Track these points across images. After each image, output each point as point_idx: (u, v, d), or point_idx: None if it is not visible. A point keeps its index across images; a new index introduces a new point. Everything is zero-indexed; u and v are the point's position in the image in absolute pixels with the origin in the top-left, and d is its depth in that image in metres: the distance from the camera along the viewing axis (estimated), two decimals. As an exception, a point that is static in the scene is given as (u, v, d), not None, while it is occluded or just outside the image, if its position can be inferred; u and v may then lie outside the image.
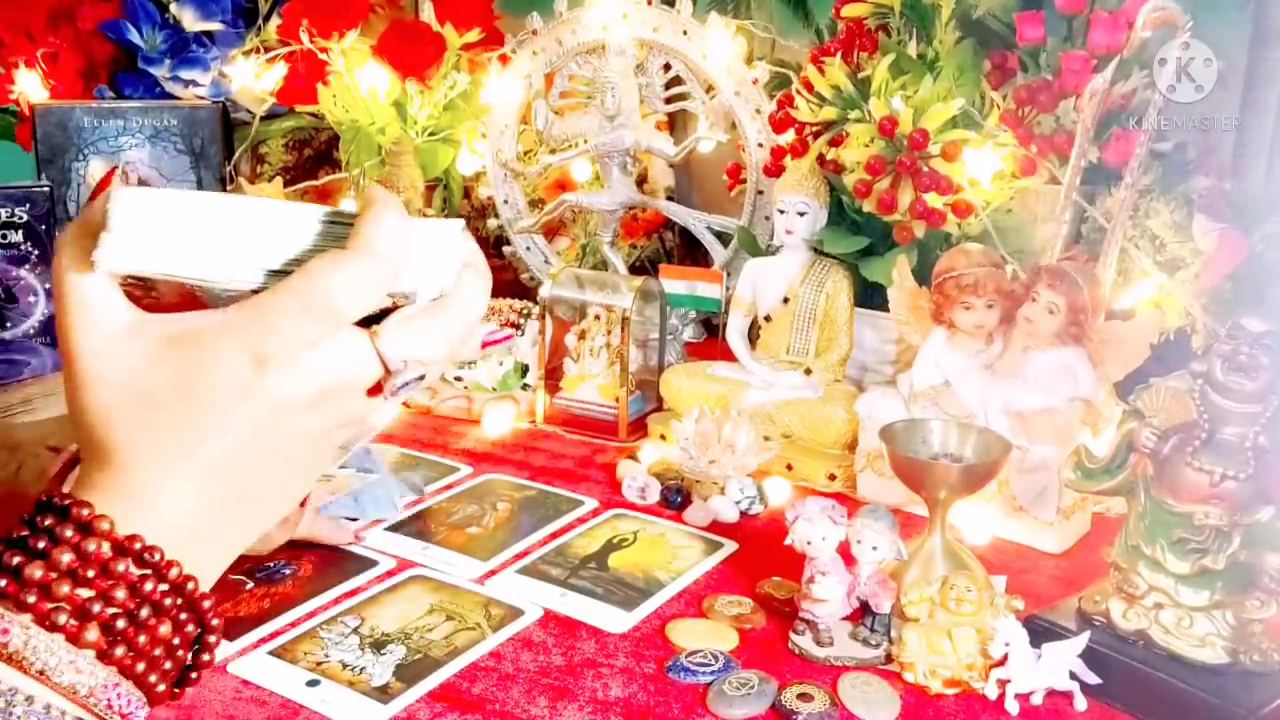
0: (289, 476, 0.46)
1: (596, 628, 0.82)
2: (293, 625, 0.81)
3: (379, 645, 0.79)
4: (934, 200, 1.10)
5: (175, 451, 0.43)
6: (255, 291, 0.44)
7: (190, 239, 0.43)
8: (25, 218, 1.43)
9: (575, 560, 0.93)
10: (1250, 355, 0.69)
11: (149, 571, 0.42)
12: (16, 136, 1.69)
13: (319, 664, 0.76)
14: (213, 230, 0.44)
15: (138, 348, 0.44)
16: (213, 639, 0.44)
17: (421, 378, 0.45)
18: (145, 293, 0.46)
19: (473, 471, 1.13)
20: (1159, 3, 1.01)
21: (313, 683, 0.74)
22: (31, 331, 1.44)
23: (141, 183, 1.54)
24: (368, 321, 0.44)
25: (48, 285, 1.45)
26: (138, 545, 0.41)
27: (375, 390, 0.45)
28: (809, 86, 1.21)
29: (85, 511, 0.41)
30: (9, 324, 1.43)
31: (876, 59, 1.16)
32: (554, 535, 0.98)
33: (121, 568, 0.41)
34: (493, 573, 0.91)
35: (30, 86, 1.61)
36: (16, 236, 1.43)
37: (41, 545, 0.40)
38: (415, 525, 0.99)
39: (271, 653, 0.78)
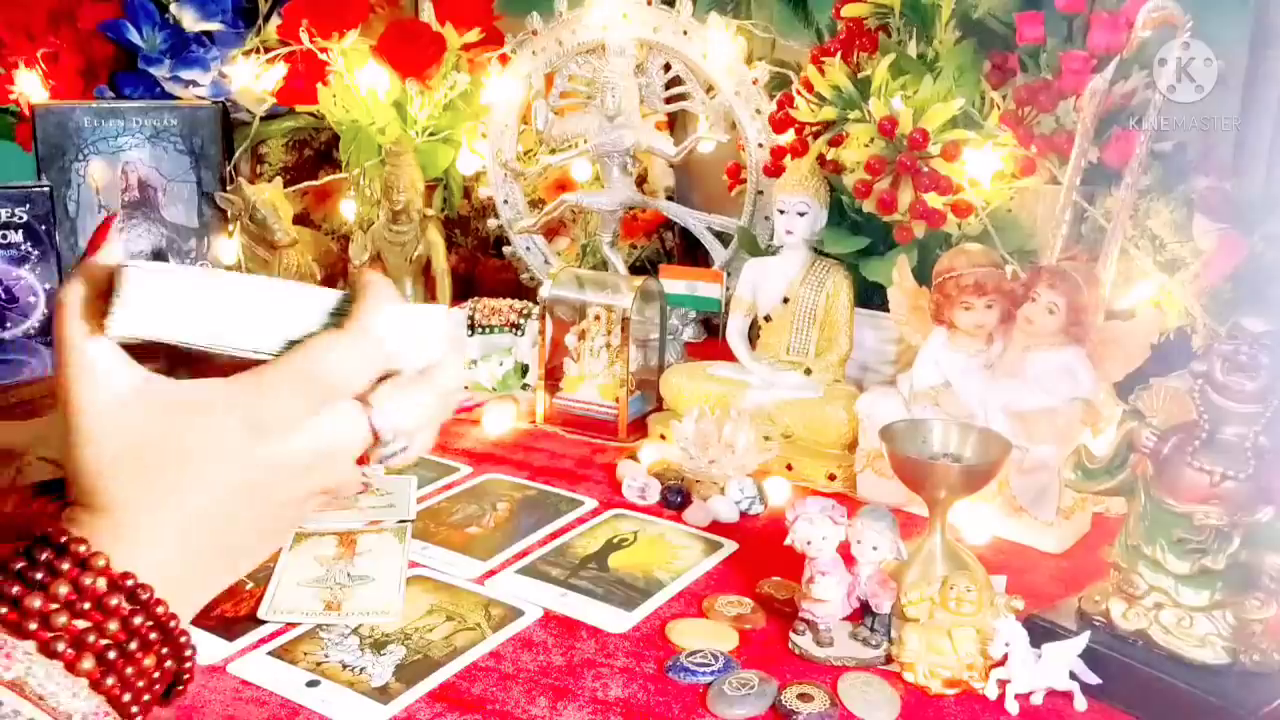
0: (269, 531, 0.50)
1: (596, 628, 0.82)
2: (293, 625, 0.81)
3: (379, 645, 0.79)
4: (934, 200, 1.10)
5: (166, 506, 0.46)
6: (258, 361, 0.47)
7: (200, 310, 0.46)
8: (25, 218, 1.43)
9: (575, 560, 0.93)
10: (1250, 355, 0.69)
11: (139, 607, 0.44)
12: (16, 136, 1.69)
13: (319, 664, 0.76)
14: (223, 303, 0.47)
15: (140, 410, 0.46)
16: (186, 675, 0.47)
17: (405, 448, 0.49)
18: (145, 354, 0.48)
19: (472, 471, 1.13)
20: (1159, 2, 1.01)
21: (313, 683, 0.74)
22: (31, 331, 1.44)
23: (142, 184, 1.54)
24: None
25: (48, 285, 1.45)
26: (130, 582, 0.43)
27: (362, 460, 0.49)
28: (809, 86, 1.21)
29: (82, 548, 0.43)
30: (9, 324, 1.43)
31: (876, 59, 1.16)
32: (554, 535, 0.98)
33: (115, 602, 0.43)
34: (492, 573, 0.91)
35: (30, 86, 1.61)
36: (16, 236, 1.43)
37: (40, 577, 0.42)
38: (416, 525, 0.99)
39: (271, 653, 0.78)
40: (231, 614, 0.82)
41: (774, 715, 0.71)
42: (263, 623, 0.81)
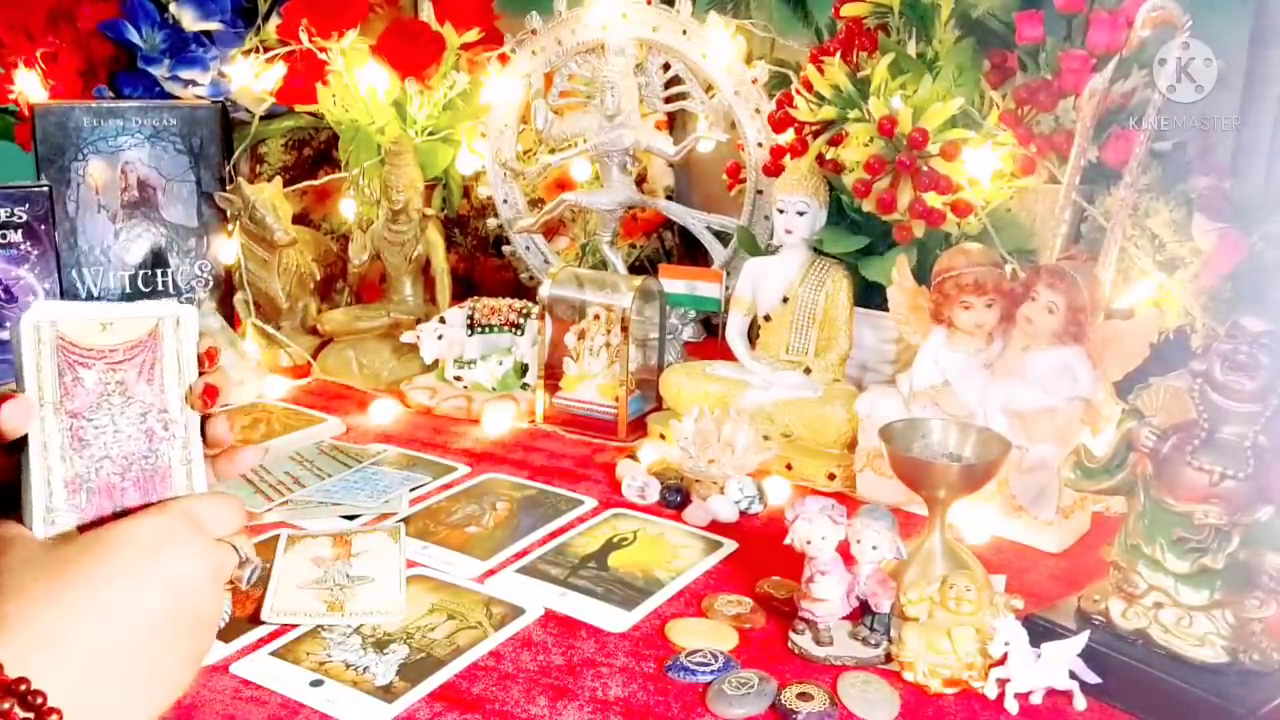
0: (168, 652, 0.52)
1: (596, 627, 0.82)
2: (294, 626, 0.81)
3: (381, 645, 0.79)
4: (933, 200, 1.10)
5: (77, 604, 0.49)
6: None
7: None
8: (25, 218, 1.43)
9: (575, 560, 0.93)
10: (1250, 355, 0.69)
11: (32, 715, 0.45)
12: (16, 136, 1.69)
13: (322, 664, 0.76)
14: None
15: (50, 542, 0.52)
16: None
17: (262, 575, 0.58)
18: None
19: (472, 471, 1.13)
20: (1158, 2, 1.01)
21: (316, 683, 0.74)
22: (31, 331, 1.44)
23: (141, 183, 1.54)
24: None
25: (47, 285, 1.45)
26: (23, 688, 0.45)
27: (235, 592, 0.56)
28: (808, 86, 1.21)
29: None
30: (8, 324, 1.43)
31: (876, 58, 1.16)
32: (553, 535, 0.98)
33: (6, 706, 0.44)
34: (492, 572, 0.91)
35: (30, 86, 1.61)
36: (16, 236, 1.43)
37: None
38: (415, 525, 0.99)
39: (273, 653, 0.78)
40: (231, 615, 0.82)
41: (774, 714, 0.71)
42: (264, 624, 0.81)
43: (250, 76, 1.58)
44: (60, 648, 0.47)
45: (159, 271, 1.57)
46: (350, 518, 1.00)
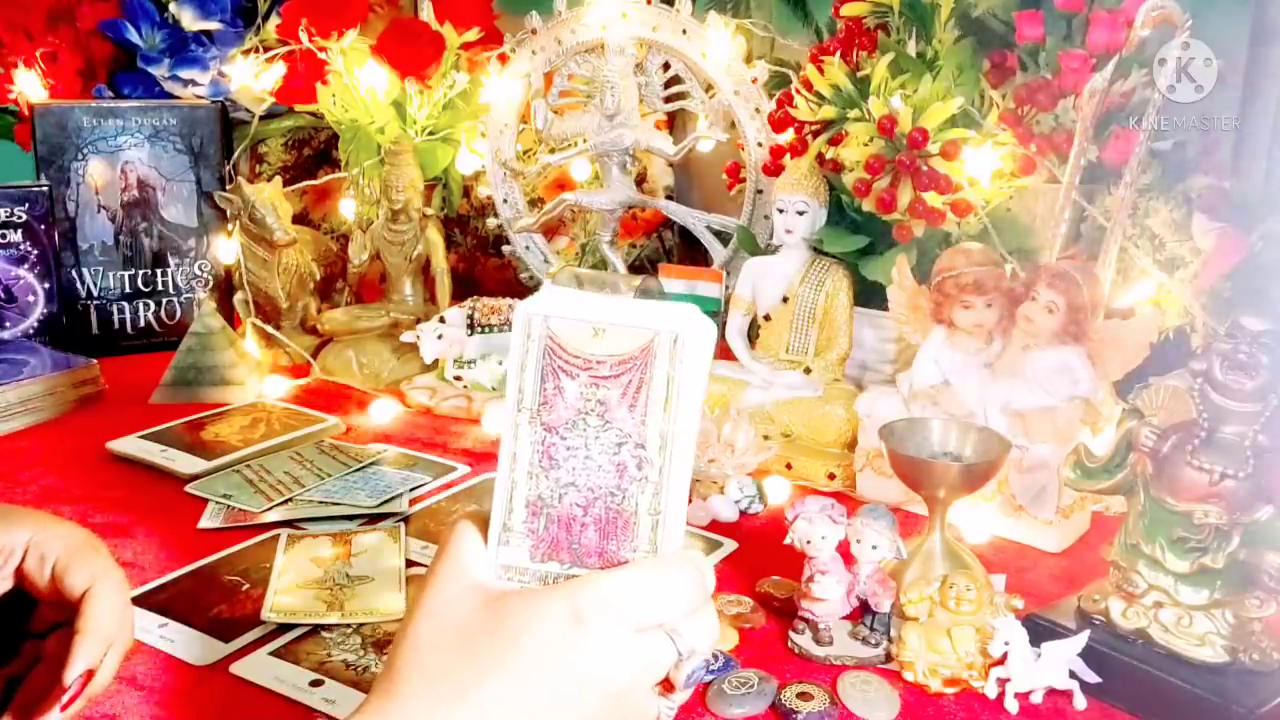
0: None
1: (597, 627, 0.82)
2: (294, 625, 0.81)
3: (381, 645, 0.78)
4: (933, 199, 1.10)
5: (451, 691, 0.46)
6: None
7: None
8: (25, 217, 1.43)
9: (575, 559, 0.93)
10: (1249, 354, 0.69)
11: None
12: (16, 136, 1.69)
13: (321, 664, 0.76)
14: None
15: (473, 596, 0.49)
16: None
17: (704, 662, 0.51)
18: None
19: (472, 471, 1.13)
20: (1158, 1, 1.01)
21: (316, 682, 0.74)
22: (31, 331, 1.45)
23: (141, 183, 1.53)
24: None
25: (46, 285, 1.45)
26: None
27: (667, 686, 0.50)
28: (808, 85, 1.21)
29: None
30: (8, 324, 1.43)
31: (876, 58, 1.16)
32: (554, 534, 0.98)
33: None
34: (493, 572, 0.91)
35: (29, 86, 1.61)
36: (16, 236, 1.43)
37: None
38: (415, 525, 0.99)
39: (273, 653, 0.78)
40: (228, 614, 0.82)
41: (773, 714, 0.71)
42: (263, 623, 0.81)
43: (250, 76, 1.58)
44: None
45: (159, 271, 1.57)
46: (350, 518, 1.00)
